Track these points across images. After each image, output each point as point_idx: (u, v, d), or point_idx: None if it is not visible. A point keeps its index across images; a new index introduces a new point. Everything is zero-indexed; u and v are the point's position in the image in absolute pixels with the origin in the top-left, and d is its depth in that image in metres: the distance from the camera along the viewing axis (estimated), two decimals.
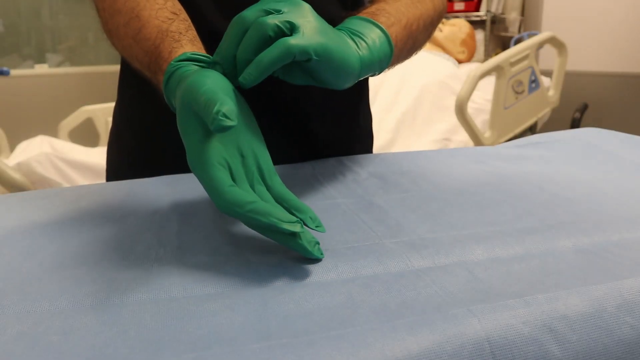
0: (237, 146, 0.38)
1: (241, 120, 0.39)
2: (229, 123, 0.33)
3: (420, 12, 0.55)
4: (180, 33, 0.45)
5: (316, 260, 0.36)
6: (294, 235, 0.35)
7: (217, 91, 0.35)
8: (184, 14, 0.48)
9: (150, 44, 0.45)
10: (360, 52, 0.43)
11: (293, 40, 0.37)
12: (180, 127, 0.37)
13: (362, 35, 0.45)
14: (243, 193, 0.35)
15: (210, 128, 0.33)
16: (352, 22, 0.46)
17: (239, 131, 0.39)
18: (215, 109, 0.33)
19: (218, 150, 0.36)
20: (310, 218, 0.38)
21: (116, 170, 0.70)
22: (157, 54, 0.44)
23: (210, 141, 0.36)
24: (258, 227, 0.36)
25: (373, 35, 0.45)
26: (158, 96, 0.44)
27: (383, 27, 0.46)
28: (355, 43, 0.43)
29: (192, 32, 0.46)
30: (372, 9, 0.51)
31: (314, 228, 0.37)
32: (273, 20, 0.38)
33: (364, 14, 0.48)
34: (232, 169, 0.37)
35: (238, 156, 0.38)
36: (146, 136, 0.65)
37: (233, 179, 0.37)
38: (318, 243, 0.37)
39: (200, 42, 0.45)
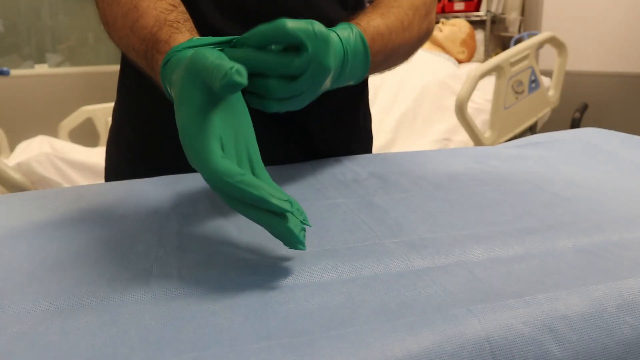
0: (233, 130, 0.37)
1: (240, 111, 0.39)
2: (240, 79, 0.32)
3: (404, 37, 0.56)
4: (179, 22, 0.45)
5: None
6: (281, 217, 0.33)
7: (226, 58, 0.34)
8: (182, 7, 0.48)
9: (147, 32, 0.45)
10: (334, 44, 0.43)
11: (290, 23, 0.39)
12: (180, 96, 0.36)
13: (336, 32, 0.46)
14: (234, 165, 0.33)
15: (217, 87, 0.32)
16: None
17: (238, 117, 0.38)
18: (229, 66, 0.32)
19: (216, 124, 0.35)
20: (298, 210, 0.36)
21: (115, 167, 0.70)
22: (154, 40, 0.44)
23: (209, 114, 0.35)
24: (242, 206, 0.34)
25: (346, 33, 0.46)
26: (156, 89, 0.44)
27: (356, 27, 0.48)
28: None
29: (190, 24, 0.46)
30: (359, 16, 0.52)
31: (301, 220, 0.36)
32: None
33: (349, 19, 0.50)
34: (224, 146, 0.35)
35: (232, 139, 0.37)
36: (145, 131, 0.65)
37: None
38: (304, 230, 0.35)
39: (198, 34, 0.45)
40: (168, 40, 0.43)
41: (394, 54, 0.55)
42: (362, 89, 0.72)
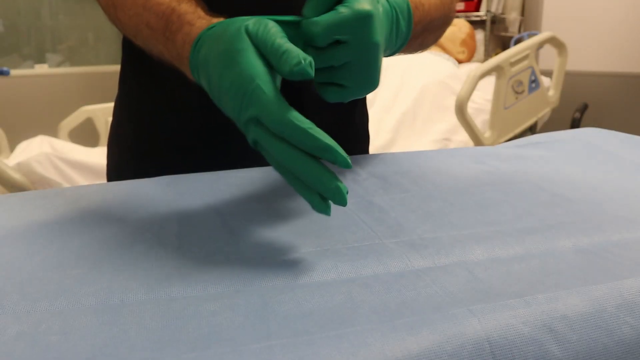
0: None
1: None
2: (311, 72, 0.33)
3: (439, 13, 0.55)
4: None
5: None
6: (332, 176, 0.34)
7: (289, 42, 0.35)
8: None
9: (164, 7, 0.44)
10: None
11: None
12: (232, 50, 0.36)
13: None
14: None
15: (285, 71, 0.34)
16: None
17: None
18: (302, 56, 0.33)
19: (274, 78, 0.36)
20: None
21: (117, 166, 0.70)
22: (177, 13, 0.43)
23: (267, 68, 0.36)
24: (294, 158, 0.34)
25: None
26: (157, 89, 0.44)
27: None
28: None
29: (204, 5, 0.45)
30: None
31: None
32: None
33: None
34: None
35: None
36: (146, 130, 0.65)
37: None
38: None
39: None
40: (195, 11, 0.41)
41: (429, 27, 0.55)
42: None
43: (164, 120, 0.63)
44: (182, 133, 0.64)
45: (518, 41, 2.57)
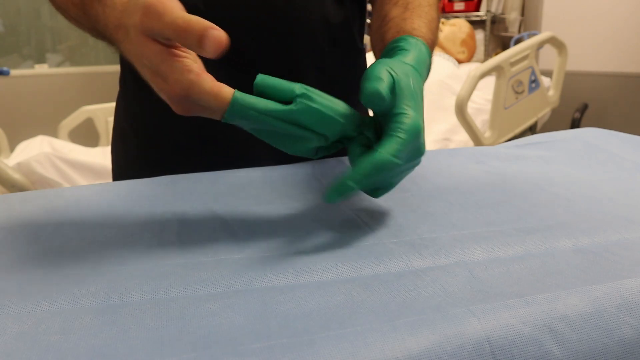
0: None
1: None
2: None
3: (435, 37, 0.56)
4: None
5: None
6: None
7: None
8: None
9: None
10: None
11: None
12: None
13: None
14: None
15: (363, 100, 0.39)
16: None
17: None
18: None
19: None
20: None
21: (122, 166, 0.70)
22: None
23: None
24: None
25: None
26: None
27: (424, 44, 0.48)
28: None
29: None
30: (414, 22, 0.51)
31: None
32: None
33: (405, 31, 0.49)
34: None
35: None
36: (147, 128, 0.65)
37: None
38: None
39: None
40: None
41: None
42: (359, 87, 0.72)
43: (164, 120, 0.63)
44: (182, 133, 0.64)
45: (518, 41, 2.57)
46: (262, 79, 0.38)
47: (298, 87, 0.38)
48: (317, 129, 0.39)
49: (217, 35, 0.33)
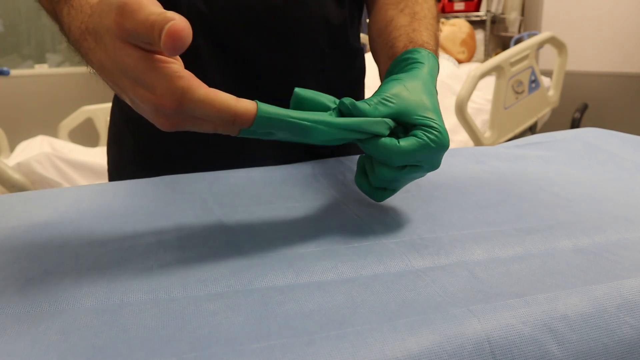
0: None
1: None
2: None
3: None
4: None
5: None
6: None
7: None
8: None
9: None
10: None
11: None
12: None
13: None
14: None
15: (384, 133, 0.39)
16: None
17: None
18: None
19: None
20: None
21: (117, 166, 0.70)
22: None
23: None
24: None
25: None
26: None
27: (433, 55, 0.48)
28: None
29: None
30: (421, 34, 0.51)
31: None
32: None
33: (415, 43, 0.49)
34: None
35: None
36: (146, 134, 0.65)
37: None
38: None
39: None
40: None
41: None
42: (358, 89, 0.72)
43: None
44: (180, 133, 0.64)
45: (518, 41, 2.57)
46: (301, 91, 0.38)
47: (333, 100, 0.39)
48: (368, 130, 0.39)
49: (173, 30, 0.28)
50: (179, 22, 0.29)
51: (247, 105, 0.33)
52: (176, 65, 0.32)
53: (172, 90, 0.31)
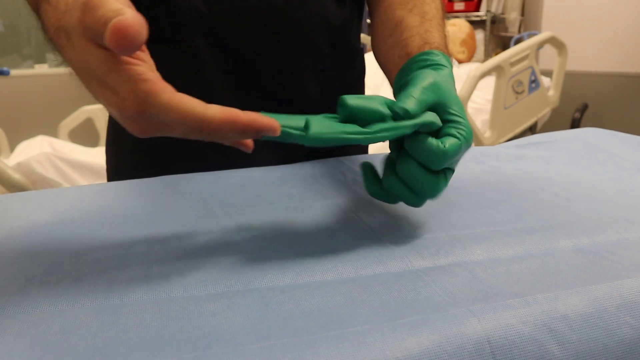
0: None
1: None
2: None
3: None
4: None
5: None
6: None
7: None
8: None
9: None
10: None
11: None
12: None
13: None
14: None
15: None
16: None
17: None
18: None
19: None
20: None
21: (116, 166, 0.70)
22: None
23: None
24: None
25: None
26: None
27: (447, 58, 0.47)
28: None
29: None
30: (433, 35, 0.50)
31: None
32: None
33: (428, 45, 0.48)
34: None
35: None
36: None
37: None
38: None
39: None
40: None
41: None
42: (358, 89, 0.72)
43: None
44: None
45: (518, 41, 2.57)
46: (350, 99, 0.36)
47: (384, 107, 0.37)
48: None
49: (117, 26, 0.26)
50: (126, 19, 0.27)
51: (260, 119, 0.32)
52: (142, 67, 0.30)
53: (134, 93, 0.29)
